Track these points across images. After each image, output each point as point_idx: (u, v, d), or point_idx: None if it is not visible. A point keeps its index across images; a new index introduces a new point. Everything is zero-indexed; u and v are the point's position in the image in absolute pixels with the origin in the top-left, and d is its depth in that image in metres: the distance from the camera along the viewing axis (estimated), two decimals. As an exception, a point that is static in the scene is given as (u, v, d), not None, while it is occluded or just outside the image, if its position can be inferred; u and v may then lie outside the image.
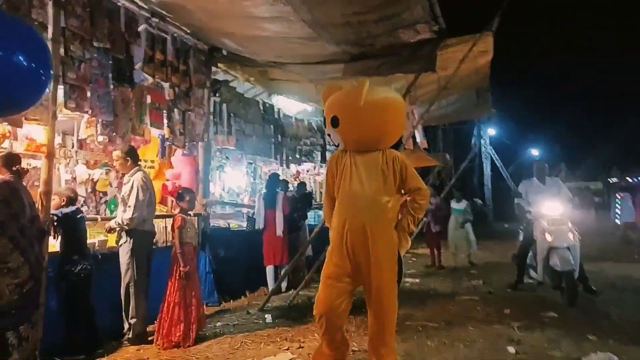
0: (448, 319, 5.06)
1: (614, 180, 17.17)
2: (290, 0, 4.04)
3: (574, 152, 29.85)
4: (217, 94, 6.91)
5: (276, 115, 8.54)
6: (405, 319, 4.85)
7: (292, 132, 9.08)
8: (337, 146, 3.58)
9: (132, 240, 4.46)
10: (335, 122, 3.34)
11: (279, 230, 6.93)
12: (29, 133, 4.67)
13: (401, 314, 3.93)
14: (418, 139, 7.42)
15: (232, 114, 7.17)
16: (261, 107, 8.19)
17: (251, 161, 8.75)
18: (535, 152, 30.52)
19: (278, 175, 7.58)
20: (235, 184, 8.55)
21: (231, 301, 6.33)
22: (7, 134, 4.38)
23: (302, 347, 4.25)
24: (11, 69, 2.42)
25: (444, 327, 4.79)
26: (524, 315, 5.08)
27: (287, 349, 4.21)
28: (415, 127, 6.27)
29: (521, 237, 6.74)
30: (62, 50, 4.16)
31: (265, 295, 6.25)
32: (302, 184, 8.22)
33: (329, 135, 3.70)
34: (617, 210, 12.42)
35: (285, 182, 7.87)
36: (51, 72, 3.01)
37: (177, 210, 4.98)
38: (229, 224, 7.43)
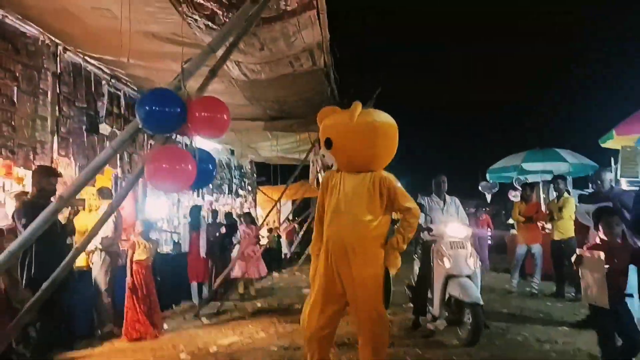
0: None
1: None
2: (239, 84, 5.77)
3: (424, 181, 34.28)
4: (152, 138, 8.19)
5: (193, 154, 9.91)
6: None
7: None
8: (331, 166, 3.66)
9: (105, 259, 5.66)
10: (328, 144, 3.37)
11: (202, 252, 8.31)
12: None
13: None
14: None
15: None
16: (182, 147, 9.53)
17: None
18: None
19: (199, 206, 8.97)
20: (159, 214, 9.69)
21: (163, 311, 7.55)
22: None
23: (242, 334, 5.80)
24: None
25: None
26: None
27: (232, 335, 5.74)
28: (319, 171, 8.27)
29: (415, 266, 5.82)
30: (57, 111, 5.36)
31: (190, 307, 7.61)
32: (229, 214, 9.67)
33: (323, 156, 3.72)
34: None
35: (215, 212, 9.31)
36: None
37: (133, 236, 6.24)
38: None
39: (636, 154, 7.33)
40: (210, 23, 4.07)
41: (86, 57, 5.80)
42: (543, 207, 8.65)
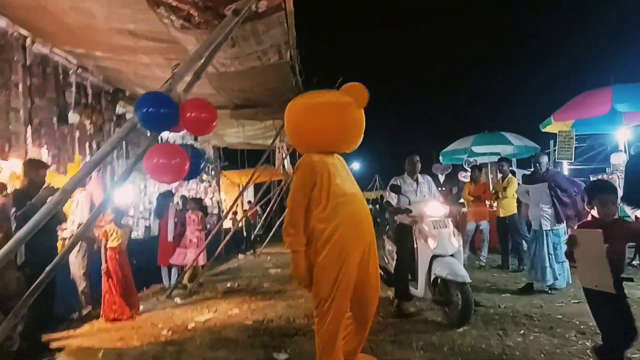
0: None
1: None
2: (208, 76, 6.03)
3: (385, 165, 35.47)
4: (118, 126, 8.30)
5: (159, 141, 10.05)
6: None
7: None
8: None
9: (82, 244, 5.87)
10: None
11: (170, 237, 8.57)
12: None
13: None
14: (286, 166, 9.79)
15: (127, 142, 8.59)
16: (148, 134, 9.64)
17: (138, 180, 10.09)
18: (355, 165, 35.90)
19: (167, 192, 9.17)
20: (127, 201, 9.79)
21: (137, 293, 7.82)
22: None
23: (217, 311, 6.19)
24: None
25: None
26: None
27: (208, 313, 6.12)
28: (284, 157, 8.63)
29: (389, 249, 5.94)
30: (29, 102, 5.46)
31: (161, 289, 7.92)
32: (199, 199, 9.88)
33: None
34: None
35: (184, 197, 9.51)
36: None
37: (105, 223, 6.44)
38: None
39: (570, 138, 8.15)
40: (185, 22, 4.34)
41: (53, 49, 5.89)
42: (491, 187, 9.40)
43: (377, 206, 25.02)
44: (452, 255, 4.85)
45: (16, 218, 4.32)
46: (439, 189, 14.19)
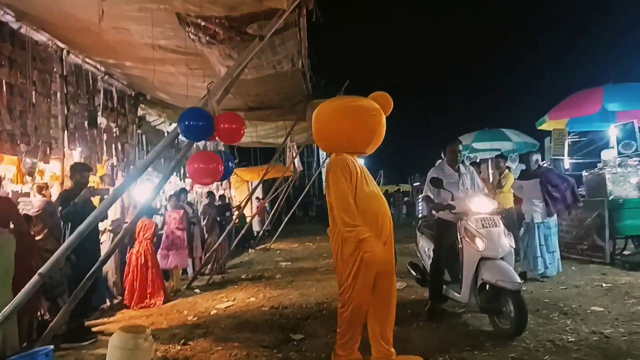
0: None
1: (417, 183, 22.40)
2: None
3: (389, 160, 35.98)
4: (140, 128, 8.85)
5: (175, 141, 10.61)
6: None
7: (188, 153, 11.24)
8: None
9: (114, 239, 6.43)
10: None
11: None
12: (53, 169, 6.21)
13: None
14: (296, 164, 10.35)
15: (148, 142, 9.15)
16: (165, 135, 10.21)
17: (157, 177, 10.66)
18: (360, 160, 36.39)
19: (184, 189, 9.72)
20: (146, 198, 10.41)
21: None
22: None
23: (235, 300, 6.75)
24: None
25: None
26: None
27: (227, 301, 6.68)
28: (295, 156, 9.18)
29: (424, 246, 5.55)
30: (65, 109, 6.01)
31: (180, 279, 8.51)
32: (222, 196, 10.47)
33: None
34: (419, 207, 16.95)
35: (211, 193, 10.14)
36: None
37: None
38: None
39: (563, 135, 8.65)
40: (211, 39, 4.86)
41: (86, 59, 6.43)
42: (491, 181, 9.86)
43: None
44: (502, 259, 4.28)
45: (62, 216, 4.88)
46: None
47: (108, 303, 6.57)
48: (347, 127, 3.54)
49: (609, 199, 7.28)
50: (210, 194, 10.25)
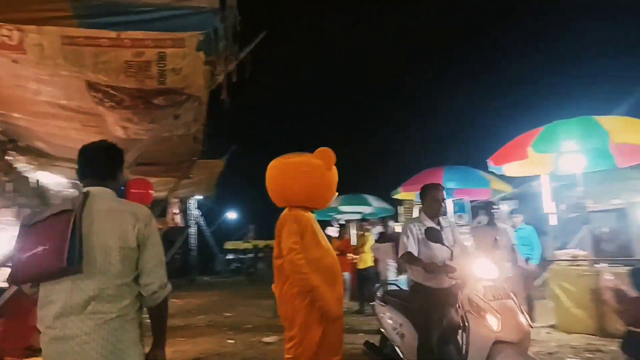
0: None
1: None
2: (120, 142, 6.80)
3: (259, 215, 36.72)
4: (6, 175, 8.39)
5: (37, 186, 10.11)
6: None
7: (49, 200, 10.67)
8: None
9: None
10: None
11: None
12: None
13: None
14: (176, 220, 10.50)
15: (14, 191, 8.66)
16: (29, 182, 9.70)
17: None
18: (232, 215, 36.66)
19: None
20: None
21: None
22: None
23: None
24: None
25: None
26: None
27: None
28: (177, 214, 9.39)
29: (394, 321, 4.36)
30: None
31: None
32: None
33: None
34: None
35: None
36: None
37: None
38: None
39: (413, 204, 10.32)
40: (115, 104, 5.26)
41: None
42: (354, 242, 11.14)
43: (250, 255, 25.87)
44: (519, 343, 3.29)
45: None
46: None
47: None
48: (289, 183, 3.84)
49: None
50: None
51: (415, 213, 11.38)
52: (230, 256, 26.99)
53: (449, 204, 10.95)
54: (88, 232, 2.08)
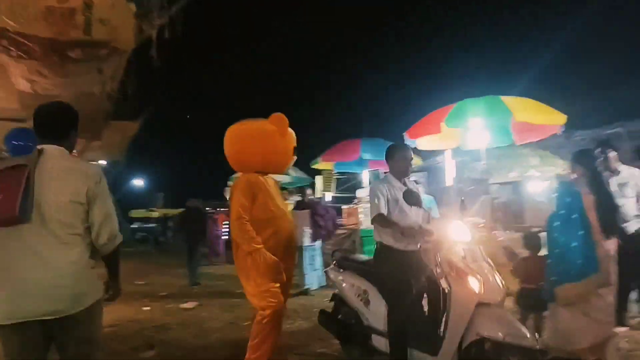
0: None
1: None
2: (20, 94, 6.23)
3: (171, 184, 35.49)
4: None
5: None
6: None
7: None
8: None
9: None
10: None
11: None
12: None
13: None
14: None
15: None
16: None
17: None
18: (139, 182, 35.06)
19: None
20: None
21: None
22: None
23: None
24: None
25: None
26: None
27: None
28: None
29: (355, 288, 4.08)
30: None
31: None
32: None
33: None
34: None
35: None
36: None
37: None
38: None
39: (331, 176, 10.64)
40: (23, 54, 4.81)
41: None
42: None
43: (156, 225, 25.00)
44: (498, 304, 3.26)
45: None
46: (222, 209, 15.57)
47: None
48: (245, 148, 3.91)
49: (360, 228, 9.25)
50: None
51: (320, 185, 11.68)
52: (135, 225, 25.77)
53: (365, 175, 11.48)
54: (40, 186, 2.20)
